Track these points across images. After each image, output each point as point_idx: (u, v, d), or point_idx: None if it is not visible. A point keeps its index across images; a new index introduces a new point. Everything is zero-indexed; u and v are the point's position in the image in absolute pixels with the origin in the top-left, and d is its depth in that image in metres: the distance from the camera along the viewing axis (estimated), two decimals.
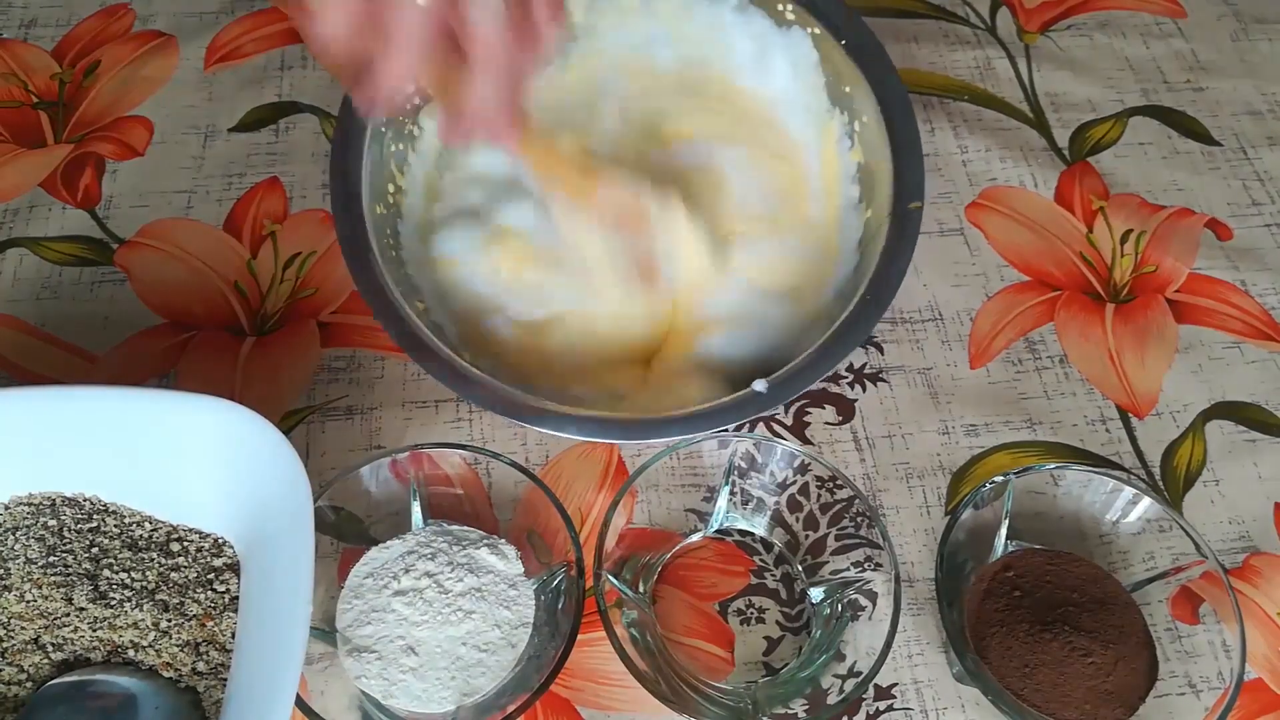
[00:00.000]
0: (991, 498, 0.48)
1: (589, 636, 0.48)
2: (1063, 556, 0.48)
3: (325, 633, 0.46)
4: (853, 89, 0.55)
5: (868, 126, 0.55)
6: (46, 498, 0.46)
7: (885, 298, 0.49)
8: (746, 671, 0.49)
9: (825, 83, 0.57)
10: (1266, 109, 0.68)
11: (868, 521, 0.47)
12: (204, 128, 0.65)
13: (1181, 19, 0.72)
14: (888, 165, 0.53)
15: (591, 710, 0.48)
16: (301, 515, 0.41)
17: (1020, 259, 0.61)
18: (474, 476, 0.50)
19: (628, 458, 0.54)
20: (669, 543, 0.51)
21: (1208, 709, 0.44)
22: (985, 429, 0.55)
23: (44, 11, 0.70)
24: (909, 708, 0.48)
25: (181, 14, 0.70)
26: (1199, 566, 0.46)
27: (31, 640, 0.43)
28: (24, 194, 0.61)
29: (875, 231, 0.52)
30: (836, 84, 0.57)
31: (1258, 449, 0.55)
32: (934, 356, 0.58)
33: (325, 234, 0.60)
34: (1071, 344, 0.58)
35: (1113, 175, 0.64)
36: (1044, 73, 0.69)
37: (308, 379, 0.56)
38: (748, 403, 0.47)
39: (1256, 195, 0.64)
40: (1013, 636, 0.46)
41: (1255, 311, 0.59)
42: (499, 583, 0.47)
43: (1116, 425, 0.55)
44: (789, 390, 0.47)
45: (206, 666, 0.43)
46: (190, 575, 0.44)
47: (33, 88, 0.66)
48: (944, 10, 0.72)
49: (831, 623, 0.48)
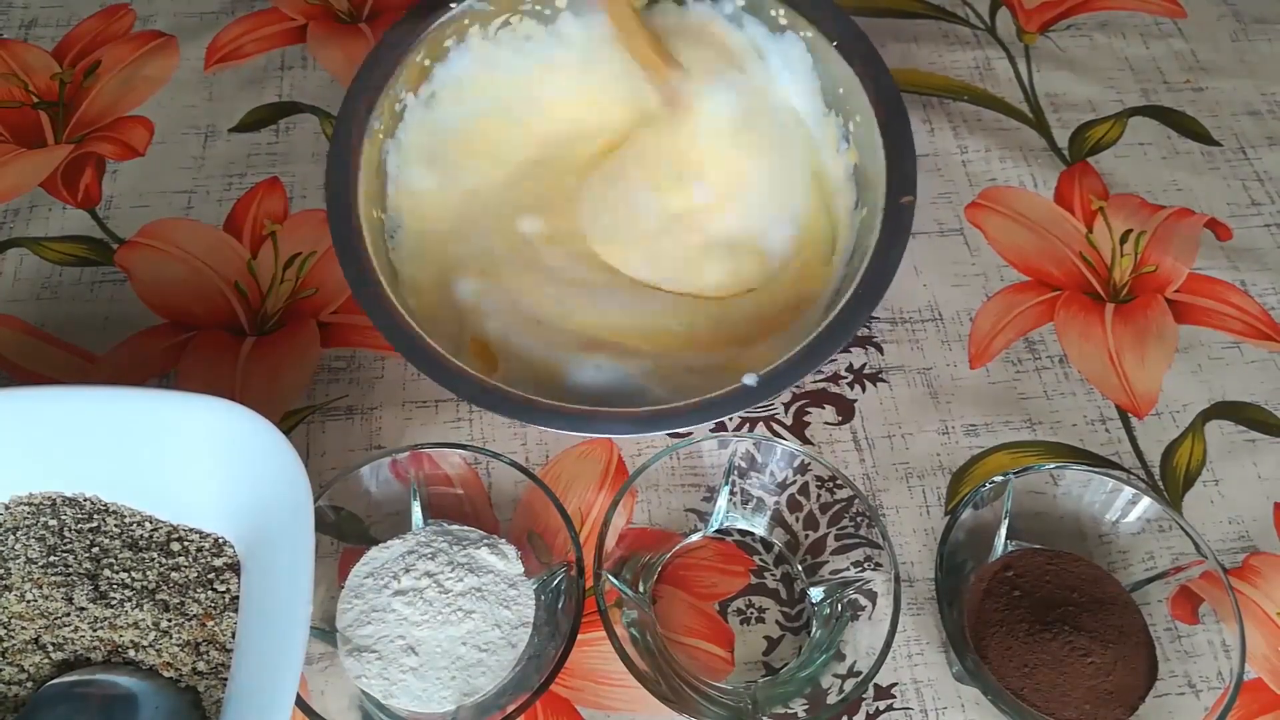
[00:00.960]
0: (991, 498, 0.48)
1: (589, 636, 0.48)
2: (1062, 556, 0.48)
3: (325, 632, 0.46)
4: (846, 90, 0.56)
5: (861, 126, 0.55)
6: (47, 498, 0.46)
7: (877, 293, 0.49)
8: (746, 671, 0.49)
9: (820, 86, 0.57)
10: (1266, 109, 0.68)
11: (867, 521, 0.47)
12: (204, 128, 0.65)
13: (1181, 19, 0.72)
14: (881, 162, 0.53)
15: (591, 710, 0.48)
16: (302, 515, 0.41)
17: (1020, 259, 0.61)
18: (474, 476, 0.50)
19: (628, 458, 0.54)
20: (669, 543, 0.51)
21: (1207, 709, 0.44)
22: (985, 429, 0.55)
23: (44, 12, 0.70)
24: (909, 707, 0.48)
25: (182, 14, 0.70)
26: (1198, 566, 0.46)
27: (32, 640, 0.43)
28: (24, 194, 0.61)
29: (869, 227, 0.52)
30: (831, 87, 0.57)
31: (1257, 449, 0.55)
32: (934, 356, 0.58)
33: (325, 234, 0.60)
34: (1071, 344, 0.58)
35: (1112, 175, 0.64)
36: (1044, 73, 0.69)
37: (308, 379, 0.56)
38: (739, 396, 0.47)
39: (1256, 195, 0.64)
40: (1012, 636, 0.46)
41: (1255, 311, 0.59)
42: (499, 583, 0.47)
43: (1116, 425, 0.55)
44: (780, 384, 0.47)
45: (207, 666, 0.43)
46: (190, 575, 0.45)
47: (33, 88, 0.66)
48: (944, 10, 0.72)
49: (831, 622, 0.48)
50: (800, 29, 0.57)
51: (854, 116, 0.55)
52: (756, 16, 0.58)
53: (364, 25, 0.70)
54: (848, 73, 0.55)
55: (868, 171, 0.54)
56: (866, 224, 0.53)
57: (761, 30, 0.58)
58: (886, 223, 0.51)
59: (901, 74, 0.68)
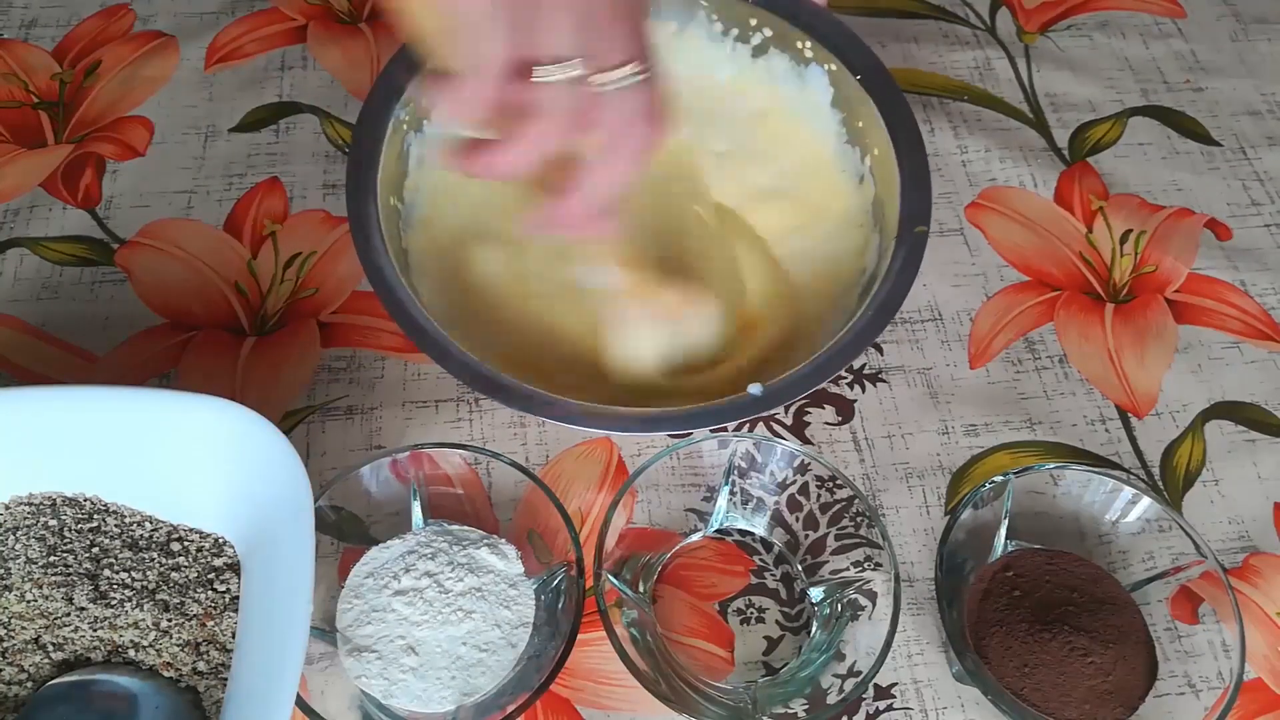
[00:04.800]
0: (991, 498, 0.48)
1: (589, 636, 0.48)
2: (1062, 556, 0.48)
3: (325, 632, 0.46)
4: (865, 123, 0.56)
5: (879, 159, 0.55)
6: (47, 498, 0.46)
7: (885, 317, 0.50)
8: (746, 671, 0.49)
9: (842, 118, 0.57)
10: (1266, 109, 0.68)
11: (867, 521, 0.47)
12: (204, 128, 0.65)
13: (1181, 19, 0.72)
14: (897, 191, 0.53)
15: (591, 710, 0.48)
16: (302, 515, 0.41)
17: (1020, 259, 0.61)
18: (474, 476, 0.50)
19: (628, 458, 0.54)
20: (669, 542, 0.51)
21: (1207, 709, 0.44)
22: (985, 429, 0.55)
23: (44, 12, 0.70)
24: (909, 707, 0.48)
25: (182, 14, 0.70)
26: (1198, 566, 0.46)
27: (32, 640, 0.43)
28: (24, 194, 0.61)
29: (883, 254, 0.52)
30: (852, 120, 0.57)
31: (1257, 449, 0.55)
32: (934, 356, 0.58)
33: (325, 234, 0.60)
34: (1071, 344, 0.58)
35: (1112, 175, 0.64)
36: (1044, 73, 0.69)
37: (308, 379, 0.56)
38: (742, 405, 0.47)
39: (1256, 195, 0.64)
40: (1012, 636, 0.46)
41: (1255, 311, 0.59)
42: (499, 583, 0.47)
43: (1116, 425, 0.55)
44: (783, 397, 0.48)
45: (207, 666, 0.43)
46: (191, 575, 0.45)
47: (33, 88, 0.66)
48: (944, 10, 0.72)
49: (831, 622, 0.48)
50: (824, 61, 0.57)
51: (872, 149, 0.55)
52: (783, 49, 0.58)
53: (364, 25, 0.70)
54: (867, 103, 0.55)
55: (884, 201, 0.54)
56: (881, 251, 0.53)
57: (786, 62, 0.58)
58: (899, 250, 0.51)
59: (901, 74, 0.68)
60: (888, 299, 0.50)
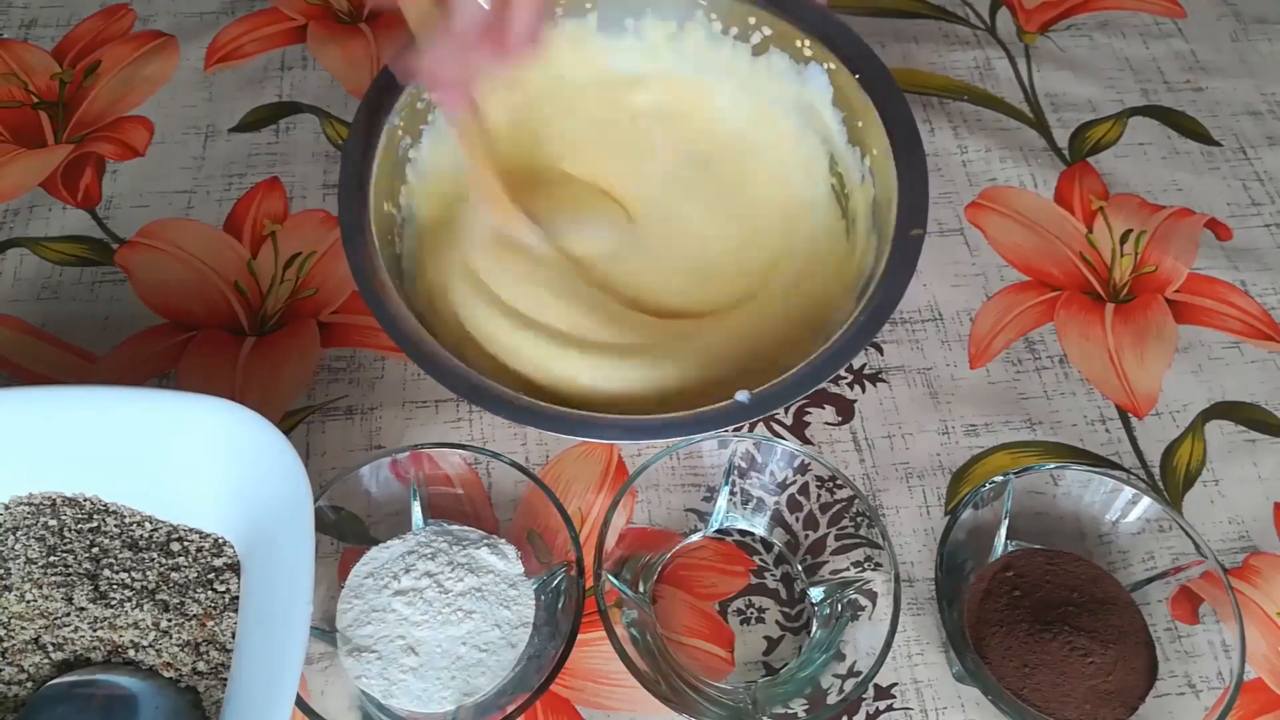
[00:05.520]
0: (991, 498, 0.48)
1: (589, 636, 0.48)
2: (1062, 556, 0.48)
3: (325, 633, 0.46)
4: (865, 123, 0.55)
5: (878, 160, 0.55)
6: (46, 498, 0.46)
7: (878, 322, 0.49)
8: (746, 671, 0.49)
9: (843, 117, 0.57)
10: (1266, 109, 0.68)
11: (867, 521, 0.47)
12: (204, 128, 0.65)
13: (1181, 19, 0.72)
14: (894, 195, 0.53)
15: (591, 710, 0.48)
16: (302, 515, 0.41)
17: (1020, 259, 0.61)
18: (474, 476, 0.50)
19: (628, 458, 0.54)
20: (669, 543, 0.51)
21: (1207, 709, 0.44)
22: (985, 429, 0.55)
23: (44, 11, 0.70)
24: (909, 708, 0.48)
25: (182, 14, 0.70)
26: (1199, 566, 0.46)
27: (32, 640, 0.43)
28: (24, 194, 0.61)
29: (878, 256, 0.52)
30: (851, 119, 0.56)
31: (1257, 449, 0.55)
32: (934, 356, 0.58)
33: (325, 234, 0.60)
34: (1071, 344, 0.58)
35: (1112, 175, 0.64)
36: (1044, 73, 0.69)
37: (308, 379, 0.56)
38: (732, 412, 0.47)
39: (1256, 195, 0.64)
40: (1012, 636, 0.46)
41: (1255, 311, 0.59)
42: (499, 583, 0.47)
43: (1116, 425, 0.55)
44: (772, 403, 0.47)
45: (207, 666, 0.43)
46: (190, 575, 0.45)
47: (33, 88, 0.66)
48: (944, 10, 0.72)
49: (831, 622, 0.48)
50: (824, 60, 0.57)
51: (871, 150, 0.55)
52: (782, 48, 0.58)
53: (364, 25, 0.70)
54: (867, 106, 0.55)
55: (881, 203, 0.54)
56: (876, 253, 0.53)
57: (786, 61, 0.58)
58: (895, 253, 0.51)
59: (901, 74, 0.68)
60: (881, 303, 0.49)
